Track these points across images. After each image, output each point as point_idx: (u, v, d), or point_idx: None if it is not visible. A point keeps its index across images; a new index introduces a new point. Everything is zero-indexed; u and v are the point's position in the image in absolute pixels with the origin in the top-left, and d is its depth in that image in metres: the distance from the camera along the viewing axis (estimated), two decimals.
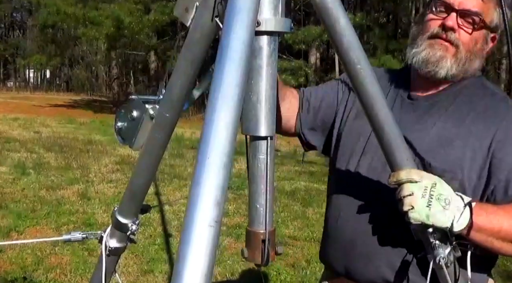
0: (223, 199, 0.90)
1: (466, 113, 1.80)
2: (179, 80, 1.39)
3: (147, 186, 1.61)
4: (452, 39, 1.78)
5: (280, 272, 5.52)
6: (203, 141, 0.93)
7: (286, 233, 6.89)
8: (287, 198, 8.86)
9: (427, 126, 1.81)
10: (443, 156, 1.75)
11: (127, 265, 5.46)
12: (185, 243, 0.86)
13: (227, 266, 5.61)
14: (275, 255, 1.32)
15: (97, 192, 8.58)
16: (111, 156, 12.05)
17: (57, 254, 5.70)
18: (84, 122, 19.39)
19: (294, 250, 6.30)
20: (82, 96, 37.76)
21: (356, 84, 1.35)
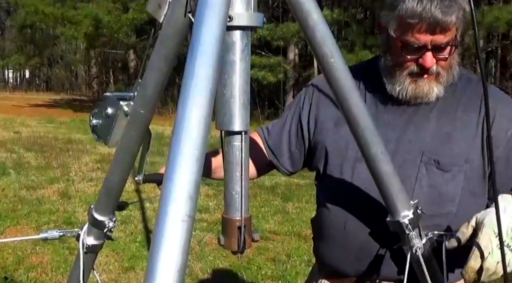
0: (196, 194, 0.90)
1: (455, 106, 1.84)
2: (153, 76, 1.38)
3: (123, 183, 1.60)
4: (433, 73, 1.80)
5: (261, 267, 5.54)
6: (175, 136, 0.93)
7: (267, 227, 6.91)
8: (267, 193, 8.87)
9: (423, 125, 1.83)
10: (448, 152, 1.79)
11: (108, 262, 5.45)
12: (158, 238, 0.86)
13: (208, 262, 5.62)
14: (252, 241, 1.32)
15: (77, 190, 8.54)
16: (92, 154, 11.99)
17: (38, 253, 5.67)
18: (64, 122, 19.27)
19: (274, 245, 6.31)
20: (61, 96, 37.46)
21: (330, 78, 1.35)
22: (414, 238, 1.49)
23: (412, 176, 1.80)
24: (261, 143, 2.11)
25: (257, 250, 6.07)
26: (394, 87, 1.84)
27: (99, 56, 36.33)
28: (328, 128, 1.97)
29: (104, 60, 36.95)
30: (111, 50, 31.00)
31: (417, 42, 1.74)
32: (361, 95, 1.92)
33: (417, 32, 1.72)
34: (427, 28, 1.71)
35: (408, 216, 1.49)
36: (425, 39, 1.73)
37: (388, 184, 1.44)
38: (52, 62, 45.88)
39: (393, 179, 1.43)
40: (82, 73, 43.73)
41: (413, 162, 1.81)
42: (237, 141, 1.26)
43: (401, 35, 1.76)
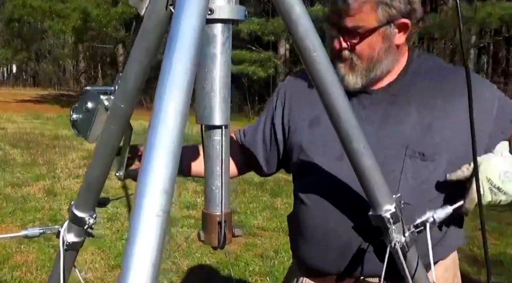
0: (172, 188, 0.88)
1: (435, 96, 1.84)
2: (134, 69, 1.36)
3: (103, 178, 1.58)
4: (346, 57, 1.82)
5: (248, 263, 5.54)
6: (151, 129, 0.91)
7: (255, 223, 6.91)
8: (255, 189, 8.87)
9: (402, 119, 1.83)
10: (430, 142, 1.80)
11: (94, 260, 5.43)
12: (132, 233, 0.85)
13: (196, 259, 5.61)
14: (232, 237, 1.31)
15: (63, 188, 8.51)
16: (78, 151, 11.95)
17: (22, 252, 5.65)
18: (51, 117, 19.21)
19: (262, 241, 6.31)
20: (49, 91, 37.34)
21: (312, 72, 1.33)
22: (394, 233, 1.49)
23: (397, 170, 1.80)
24: (237, 145, 2.12)
25: (244, 247, 6.07)
26: None
27: (88, 50, 36.30)
28: (303, 128, 1.97)
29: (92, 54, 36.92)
30: (99, 45, 30.94)
31: (330, 27, 1.81)
32: None
33: (332, 13, 1.79)
34: (335, 11, 1.77)
35: (390, 210, 1.48)
36: (333, 21, 1.80)
37: (370, 178, 1.42)
38: (40, 56, 45.74)
39: (375, 173, 1.42)
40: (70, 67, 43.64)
41: (396, 157, 1.81)
42: (218, 135, 1.25)
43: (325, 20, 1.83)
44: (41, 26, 32.21)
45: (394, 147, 1.81)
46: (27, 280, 4.99)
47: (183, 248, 5.92)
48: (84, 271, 5.05)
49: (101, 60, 37.32)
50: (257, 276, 5.27)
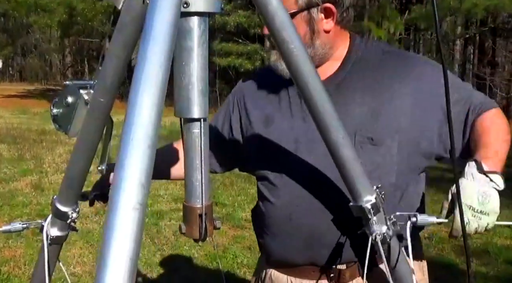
0: (148, 182, 0.88)
1: (379, 81, 1.85)
2: (112, 64, 1.36)
3: (84, 172, 1.58)
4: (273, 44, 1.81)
5: (237, 255, 5.55)
6: (127, 123, 0.92)
7: (243, 216, 6.92)
8: (243, 181, 8.88)
9: (349, 106, 1.84)
10: (378, 126, 1.81)
11: (82, 254, 5.43)
12: (109, 226, 0.85)
13: (184, 251, 5.62)
14: (214, 229, 1.31)
15: (51, 182, 8.49)
16: (66, 145, 11.93)
17: (10, 247, 5.64)
18: (38, 112, 19.15)
19: (250, 233, 6.31)
20: (36, 86, 37.23)
21: (290, 64, 1.34)
22: (374, 224, 1.50)
23: None
24: None
25: (233, 239, 6.08)
26: None
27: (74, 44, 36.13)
28: (259, 128, 1.98)
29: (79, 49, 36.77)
30: (86, 39, 30.81)
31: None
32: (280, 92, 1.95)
33: None
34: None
35: (370, 201, 1.49)
36: None
37: (350, 169, 1.43)
38: (26, 51, 45.53)
39: (354, 163, 1.43)
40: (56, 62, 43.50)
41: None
42: (196, 128, 1.25)
43: None
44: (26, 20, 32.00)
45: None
46: (15, 275, 4.99)
47: (172, 241, 5.93)
48: (72, 265, 5.04)
49: (87, 54, 37.18)
50: (245, 268, 5.28)
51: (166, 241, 5.94)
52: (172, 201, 7.50)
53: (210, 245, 5.67)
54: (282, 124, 1.92)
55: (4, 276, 4.95)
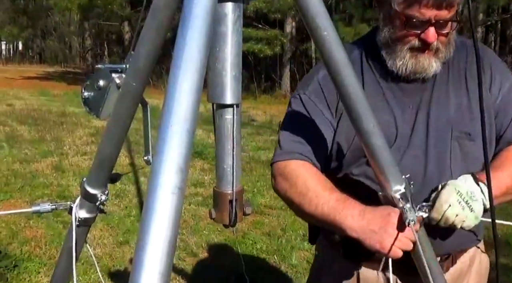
0: (186, 166, 0.89)
1: (466, 77, 1.87)
2: (145, 48, 1.37)
3: (115, 155, 1.59)
4: (433, 48, 1.79)
5: (256, 241, 5.56)
6: (166, 108, 0.92)
7: (262, 202, 6.93)
8: (263, 168, 8.88)
9: (445, 101, 1.85)
10: (471, 122, 1.83)
11: (103, 236, 5.47)
12: (148, 210, 0.86)
13: (203, 236, 5.64)
14: (243, 215, 1.32)
15: (71, 164, 8.54)
16: (86, 128, 11.99)
17: (32, 227, 5.69)
18: (58, 94, 19.23)
19: (269, 219, 6.34)
20: (55, 68, 37.36)
21: (323, 51, 1.34)
22: (407, 212, 1.49)
23: (447, 152, 1.83)
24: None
25: (252, 225, 6.10)
26: (395, 62, 1.83)
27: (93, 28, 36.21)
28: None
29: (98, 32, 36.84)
30: (105, 22, 30.85)
31: (421, 17, 1.72)
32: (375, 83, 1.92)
33: (424, 7, 1.70)
34: (433, 3, 1.69)
35: (400, 191, 1.49)
36: (431, 13, 1.71)
37: (380, 158, 1.43)
38: (46, 33, 45.70)
39: (384, 152, 1.43)
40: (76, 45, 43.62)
41: (444, 140, 1.84)
42: (229, 114, 1.25)
43: (406, 9, 1.73)
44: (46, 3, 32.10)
45: (442, 130, 1.83)
46: (36, 255, 5.03)
47: (191, 226, 5.96)
48: (92, 247, 5.08)
49: (107, 37, 37.25)
50: (264, 254, 5.30)
51: (185, 225, 5.97)
52: (192, 186, 7.52)
53: (229, 230, 5.68)
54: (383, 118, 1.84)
55: (25, 255, 5.00)
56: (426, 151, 1.82)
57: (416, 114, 1.84)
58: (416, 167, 1.80)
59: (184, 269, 4.87)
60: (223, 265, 4.96)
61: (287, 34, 22.82)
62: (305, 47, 22.50)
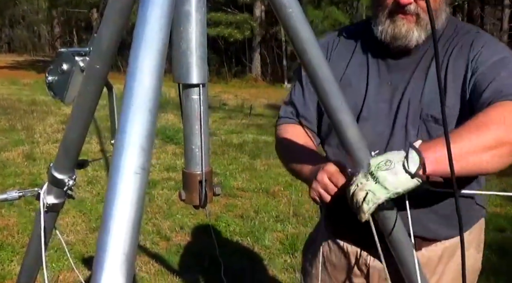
0: (149, 146, 0.88)
1: (446, 59, 1.81)
2: (108, 30, 1.35)
3: (81, 140, 1.57)
4: (411, 11, 1.77)
5: (229, 224, 5.57)
6: (127, 88, 0.91)
7: (235, 185, 6.94)
8: (235, 151, 8.91)
9: (420, 82, 1.82)
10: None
11: (76, 223, 5.44)
12: (111, 191, 0.85)
13: (177, 220, 5.64)
14: (213, 196, 1.31)
15: (42, 152, 8.48)
16: (56, 115, 11.89)
17: (3, 216, 5.64)
18: (28, 83, 19.04)
19: (242, 202, 6.35)
20: (25, 57, 36.86)
21: (288, 29, 1.32)
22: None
23: (414, 134, 1.80)
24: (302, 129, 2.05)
25: (225, 208, 6.10)
26: (377, 28, 1.83)
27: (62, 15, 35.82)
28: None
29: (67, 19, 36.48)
30: (74, 9, 30.54)
31: None
32: (363, 56, 1.93)
33: None
34: None
35: None
36: None
37: (349, 135, 1.42)
38: (14, 22, 45.08)
39: (353, 129, 1.42)
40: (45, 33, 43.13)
41: (413, 120, 1.81)
42: (195, 94, 1.24)
43: None
44: None
45: (413, 110, 1.81)
46: (8, 243, 4.99)
47: (164, 210, 5.94)
48: (65, 234, 5.05)
49: (76, 25, 36.88)
50: (238, 236, 5.31)
51: (158, 209, 5.95)
52: (164, 170, 7.50)
53: (202, 213, 5.68)
54: (357, 89, 1.91)
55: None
56: (393, 128, 1.81)
57: (393, 91, 1.84)
58: (379, 143, 1.78)
59: (157, 254, 4.86)
60: (196, 249, 4.95)
61: (257, 18, 22.78)
62: (275, 30, 22.47)
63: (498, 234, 5.45)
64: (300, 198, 6.26)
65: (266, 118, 12.64)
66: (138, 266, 4.53)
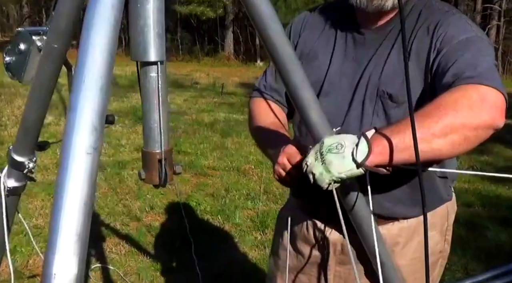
0: (101, 125, 0.87)
1: (412, 38, 1.77)
2: (65, 8, 1.32)
3: (40, 121, 1.55)
4: None
5: (200, 202, 5.57)
6: (79, 65, 0.89)
7: (205, 164, 6.94)
8: (206, 130, 8.90)
9: (382, 58, 1.80)
10: (400, 84, 1.74)
11: (44, 206, 5.39)
12: (62, 171, 0.83)
13: (147, 200, 5.62)
14: (174, 174, 1.30)
15: (10, 135, 8.35)
16: (24, 97, 11.65)
17: None
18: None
19: (213, 180, 6.35)
20: None
21: (248, 6, 1.30)
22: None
23: (371, 110, 1.79)
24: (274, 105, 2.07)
25: (195, 186, 6.10)
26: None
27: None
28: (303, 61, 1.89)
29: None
30: None
31: None
32: (333, 31, 1.93)
33: None
34: None
35: None
36: None
37: (310, 111, 1.41)
38: None
39: (313, 106, 1.41)
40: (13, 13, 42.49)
41: (371, 97, 1.79)
42: (153, 72, 1.22)
43: None
44: None
45: (372, 86, 1.79)
46: None
47: (134, 191, 5.92)
48: (34, 218, 5.00)
49: (45, 4, 36.38)
50: (208, 215, 5.31)
51: (128, 190, 5.92)
52: (134, 151, 7.46)
53: (173, 193, 5.67)
54: (322, 62, 1.91)
55: None
56: (351, 103, 1.80)
57: (356, 66, 1.83)
58: (337, 117, 1.78)
59: (128, 234, 4.84)
60: (167, 228, 4.95)
61: None
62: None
63: (467, 209, 5.51)
64: (270, 176, 6.26)
65: (238, 97, 12.62)
66: (109, 248, 4.52)
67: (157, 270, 4.23)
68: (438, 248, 1.99)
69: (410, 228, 1.90)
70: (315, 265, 2.01)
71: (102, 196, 5.65)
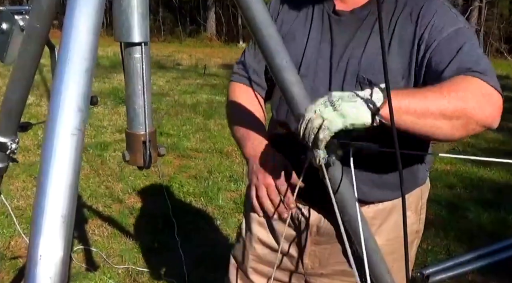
0: (86, 106, 0.86)
1: (394, 21, 1.75)
2: None
3: (22, 102, 1.54)
4: None
5: (182, 184, 5.57)
6: (63, 47, 0.89)
7: (188, 146, 6.93)
8: (188, 111, 8.88)
9: (361, 43, 1.77)
10: (379, 70, 1.71)
11: (26, 188, 5.36)
12: (46, 153, 0.83)
13: (129, 182, 5.60)
14: (158, 156, 1.30)
15: None
16: (5, 78, 11.62)
17: None
18: None
19: (196, 162, 6.34)
20: None
21: None
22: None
23: None
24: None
25: (178, 168, 6.09)
26: None
27: None
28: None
29: None
30: None
31: None
32: (310, 10, 1.91)
33: None
34: None
35: None
36: None
37: (293, 93, 1.41)
38: None
39: (297, 87, 1.41)
40: None
41: (350, 81, 1.77)
42: (137, 53, 1.21)
43: None
44: None
45: (350, 71, 1.77)
46: None
47: (116, 173, 5.90)
48: (16, 199, 4.98)
49: None
50: (191, 197, 5.31)
51: (111, 172, 5.90)
52: (116, 132, 7.43)
53: (155, 175, 5.66)
54: (299, 43, 1.89)
55: None
56: (329, 87, 1.79)
57: (334, 49, 1.82)
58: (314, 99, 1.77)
59: (110, 216, 4.83)
60: (150, 210, 4.94)
61: None
62: None
63: (448, 190, 5.55)
64: None
65: (220, 78, 12.59)
66: (91, 230, 4.51)
67: (140, 252, 4.23)
68: (414, 228, 2.01)
69: (385, 210, 1.90)
70: (289, 243, 2.02)
71: (84, 177, 5.63)
